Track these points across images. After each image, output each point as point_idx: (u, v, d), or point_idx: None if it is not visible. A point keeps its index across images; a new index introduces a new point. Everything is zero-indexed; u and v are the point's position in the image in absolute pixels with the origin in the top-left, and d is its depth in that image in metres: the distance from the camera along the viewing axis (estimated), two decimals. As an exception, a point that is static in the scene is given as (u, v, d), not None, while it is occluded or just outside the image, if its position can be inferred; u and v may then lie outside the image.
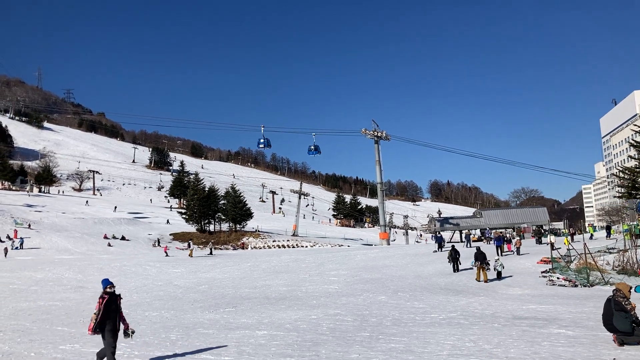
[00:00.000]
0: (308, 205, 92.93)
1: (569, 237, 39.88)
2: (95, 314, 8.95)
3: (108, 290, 9.20)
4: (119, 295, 9.49)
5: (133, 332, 9.47)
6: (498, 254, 29.56)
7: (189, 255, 44.19)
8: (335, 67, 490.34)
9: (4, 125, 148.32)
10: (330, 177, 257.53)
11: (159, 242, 61.08)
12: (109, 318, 9.00)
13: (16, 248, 47.35)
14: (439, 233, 49.39)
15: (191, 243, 50.00)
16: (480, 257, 22.98)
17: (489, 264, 23.20)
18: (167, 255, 44.13)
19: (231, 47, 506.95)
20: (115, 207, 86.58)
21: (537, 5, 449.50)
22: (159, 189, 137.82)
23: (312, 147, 65.14)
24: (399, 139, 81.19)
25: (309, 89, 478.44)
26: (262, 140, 63.25)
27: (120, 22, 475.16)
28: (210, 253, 48.92)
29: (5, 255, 42.63)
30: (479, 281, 22.67)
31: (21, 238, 49.66)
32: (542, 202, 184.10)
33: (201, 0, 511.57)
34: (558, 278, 22.06)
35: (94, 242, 55.37)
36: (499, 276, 23.39)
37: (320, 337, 11.77)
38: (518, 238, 39.61)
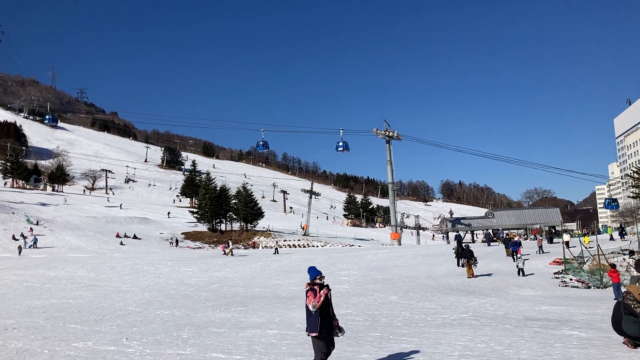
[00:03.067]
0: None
1: (583, 237, 39.78)
2: (313, 306, 7.36)
3: (318, 280, 7.61)
4: (327, 286, 7.67)
5: (342, 332, 7.87)
6: (514, 258, 29.29)
7: (229, 254, 43.76)
8: (348, 68, 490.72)
9: (18, 124, 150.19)
10: (342, 177, 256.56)
11: (177, 242, 61.13)
12: (326, 315, 7.48)
13: (30, 246, 47.94)
14: (458, 232, 49.94)
15: (230, 242, 48.76)
16: (467, 255, 24.66)
17: (476, 260, 24.94)
18: (224, 254, 44.33)
19: (243, 48, 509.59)
20: (169, 213, 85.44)
21: (549, 5, 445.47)
22: (126, 181, 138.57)
23: (261, 142, 65.84)
24: (410, 139, 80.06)
25: (320, 89, 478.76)
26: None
27: (133, 23, 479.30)
28: (276, 252, 46.07)
29: (20, 254, 43.24)
30: (470, 277, 23.86)
31: (35, 236, 50.26)
32: (554, 202, 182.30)
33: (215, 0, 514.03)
34: (571, 279, 21.91)
35: (106, 240, 55.88)
36: (522, 273, 24.30)
37: (331, 337, 11.75)
38: (540, 237, 39.86)
